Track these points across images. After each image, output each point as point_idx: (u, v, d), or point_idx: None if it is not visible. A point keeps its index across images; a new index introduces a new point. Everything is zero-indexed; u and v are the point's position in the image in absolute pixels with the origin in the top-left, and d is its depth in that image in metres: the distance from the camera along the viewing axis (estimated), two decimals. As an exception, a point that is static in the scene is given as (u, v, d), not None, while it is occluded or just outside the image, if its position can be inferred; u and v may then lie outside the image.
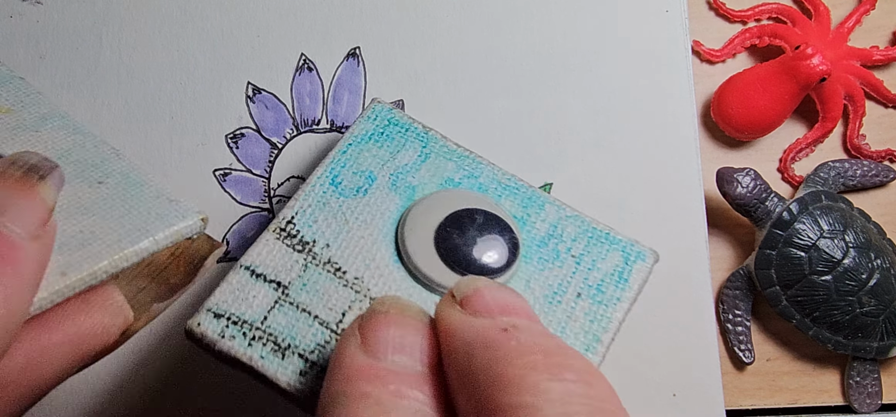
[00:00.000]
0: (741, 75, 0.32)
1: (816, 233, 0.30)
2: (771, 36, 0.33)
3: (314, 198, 0.26)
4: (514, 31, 0.30)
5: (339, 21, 0.30)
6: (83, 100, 0.30)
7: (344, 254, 0.25)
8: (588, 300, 0.25)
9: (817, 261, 0.30)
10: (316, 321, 0.25)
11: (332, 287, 0.25)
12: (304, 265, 0.25)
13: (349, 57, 0.30)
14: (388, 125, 0.27)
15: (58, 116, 0.26)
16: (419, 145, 0.27)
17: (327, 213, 0.26)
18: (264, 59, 0.30)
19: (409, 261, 0.25)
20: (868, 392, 0.32)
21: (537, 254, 0.26)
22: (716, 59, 0.33)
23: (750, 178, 0.30)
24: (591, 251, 0.26)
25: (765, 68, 0.32)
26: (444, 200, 0.26)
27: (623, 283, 0.26)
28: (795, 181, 0.33)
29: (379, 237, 0.26)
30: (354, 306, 0.25)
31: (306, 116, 0.30)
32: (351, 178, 0.26)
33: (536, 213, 0.26)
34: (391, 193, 0.26)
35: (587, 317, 0.25)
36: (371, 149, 0.27)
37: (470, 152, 0.27)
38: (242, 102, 0.30)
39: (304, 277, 0.25)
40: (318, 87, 0.30)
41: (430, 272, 0.25)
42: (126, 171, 0.26)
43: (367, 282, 0.25)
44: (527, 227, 0.26)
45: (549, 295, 0.25)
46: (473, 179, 0.27)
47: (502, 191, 0.27)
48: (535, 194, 0.27)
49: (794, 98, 0.32)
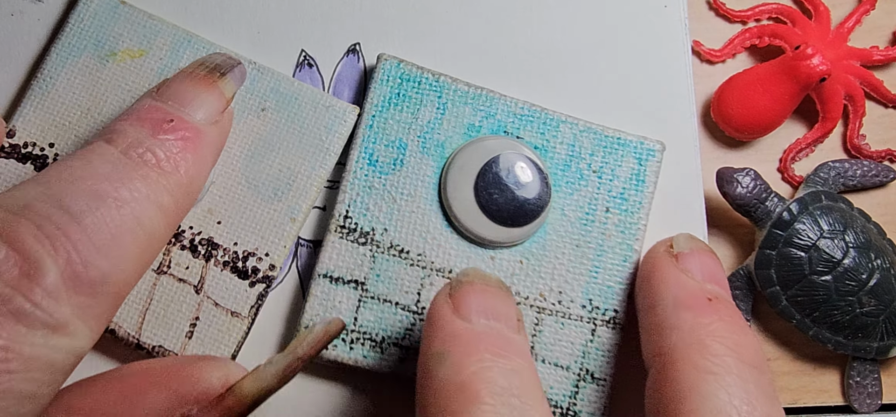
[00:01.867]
0: (741, 75, 0.32)
1: (816, 233, 0.30)
2: (771, 36, 0.33)
3: (359, 184, 0.27)
4: (513, 28, 0.30)
5: (338, 17, 0.30)
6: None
7: (402, 234, 0.27)
8: (616, 212, 0.27)
9: (817, 261, 0.30)
10: (397, 307, 0.26)
11: (402, 269, 0.26)
12: (372, 256, 0.26)
13: (349, 53, 0.30)
14: (401, 83, 0.28)
15: (185, 40, 0.28)
16: (435, 96, 0.28)
17: (375, 197, 0.27)
18: (264, 56, 0.30)
19: (460, 225, 0.27)
20: (868, 392, 0.31)
21: (564, 179, 0.28)
22: (716, 59, 0.33)
23: (750, 178, 0.30)
24: (608, 161, 0.27)
25: (765, 68, 0.32)
26: (473, 155, 0.27)
27: (641, 185, 0.27)
28: (795, 181, 0.33)
29: (426, 206, 0.27)
30: (426, 283, 0.26)
31: None
32: (385, 152, 0.27)
33: (554, 137, 0.27)
34: (424, 157, 0.27)
35: (618, 229, 0.27)
36: (393, 115, 0.27)
37: (481, 88, 0.28)
38: (243, 99, 0.30)
39: (376, 268, 0.26)
40: (319, 83, 0.30)
41: (480, 231, 0.27)
42: (276, 87, 0.28)
43: (430, 256, 0.27)
44: (549, 155, 0.27)
45: (582, 217, 0.27)
46: (492, 118, 0.28)
47: (520, 123, 0.28)
48: (548, 117, 0.28)
49: (794, 98, 0.31)
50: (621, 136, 0.28)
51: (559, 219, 0.27)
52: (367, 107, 0.28)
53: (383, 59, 0.28)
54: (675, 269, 0.25)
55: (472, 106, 0.28)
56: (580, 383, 0.26)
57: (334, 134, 0.27)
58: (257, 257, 0.27)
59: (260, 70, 0.28)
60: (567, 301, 0.27)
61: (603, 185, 0.27)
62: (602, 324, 0.27)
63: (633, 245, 0.27)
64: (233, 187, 0.27)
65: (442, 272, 0.27)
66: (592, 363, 0.27)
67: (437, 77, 0.28)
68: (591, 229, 0.27)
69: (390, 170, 0.27)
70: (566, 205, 0.27)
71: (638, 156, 0.28)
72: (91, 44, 0.28)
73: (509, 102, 0.28)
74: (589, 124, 0.28)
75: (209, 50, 0.28)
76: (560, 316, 0.27)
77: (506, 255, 0.27)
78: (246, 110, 0.27)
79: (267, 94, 0.27)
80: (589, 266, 0.27)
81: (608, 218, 0.27)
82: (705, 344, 0.22)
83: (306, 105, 0.27)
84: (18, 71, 0.29)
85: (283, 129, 0.27)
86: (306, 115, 0.27)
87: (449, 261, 0.27)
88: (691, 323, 0.23)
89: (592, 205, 0.27)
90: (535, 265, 0.27)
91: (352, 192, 0.27)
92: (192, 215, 0.27)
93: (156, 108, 0.23)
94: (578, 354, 0.27)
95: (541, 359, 0.27)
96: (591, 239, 0.27)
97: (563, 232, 0.27)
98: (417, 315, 0.26)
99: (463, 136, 0.28)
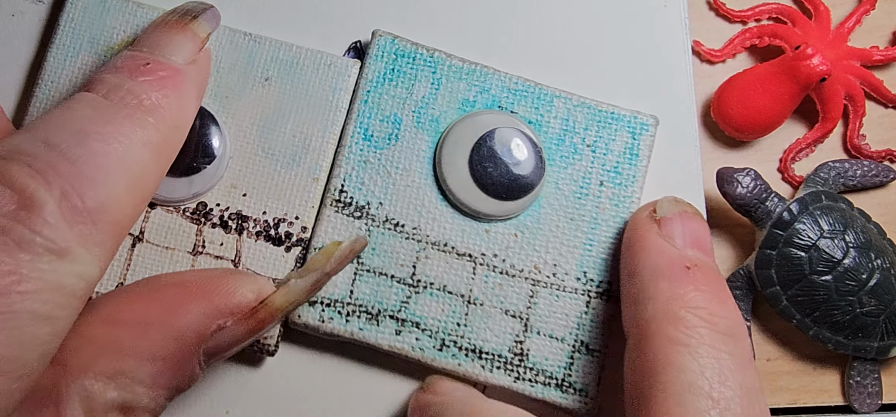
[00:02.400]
0: (741, 75, 0.32)
1: (817, 233, 0.30)
2: (771, 36, 0.33)
3: (354, 158, 0.27)
4: (513, 28, 0.30)
5: (339, 16, 0.30)
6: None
7: (397, 208, 0.27)
8: (610, 185, 0.28)
9: (817, 261, 0.30)
10: (393, 280, 0.27)
11: (397, 243, 0.27)
12: (368, 230, 0.27)
13: (350, 51, 0.30)
14: (396, 59, 0.28)
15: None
16: (430, 72, 0.28)
17: (371, 171, 0.27)
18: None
19: (455, 199, 0.27)
20: (868, 392, 0.31)
21: (558, 153, 0.28)
22: (716, 59, 0.33)
23: (750, 178, 0.30)
24: (602, 135, 0.28)
25: (765, 68, 0.32)
26: (467, 129, 0.27)
27: (635, 159, 0.28)
28: (795, 181, 0.33)
29: (420, 180, 0.27)
30: (421, 256, 0.27)
31: None
32: (380, 127, 0.28)
33: (548, 111, 0.28)
34: (419, 132, 0.27)
35: (612, 203, 0.27)
36: (388, 90, 0.28)
37: (475, 64, 0.28)
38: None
39: (371, 242, 0.27)
40: None
41: (475, 205, 0.27)
42: (275, 55, 0.28)
43: (425, 229, 0.27)
44: (543, 129, 0.28)
45: (577, 191, 0.28)
46: (486, 93, 0.28)
47: (513, 97, 0.28)
48: (542, 92, 0.28)
49: (794, 98, 0.31)
50: (615, 111, 0.28)
51: (553, 193, 0.27)
52: (362, 82, 0.28)
53: (378, 35, 0.28)
54: (656, 235, 0.25)
55: (467, 81, 0.28)
56: (574, 354, 0.27)
57: (340, 91, 0.28)
58: (288, 222, 0.27)
59: (256, 40, 0.28)
60: (562, 273, 0.27)
61: (597, 159, 0.28)
62: (596, 297, 0.27)
63: (626, 218, 0.27)
64: (252, 159, 0.27)
65: (437, 245, 0.27)
66: (587, 334, 0.27)
67: (431, 53, 0.28)
68: (585, 202, 0.27)
69: (385, 145, 0.27)
70: (560, 179, 0.28)
71: (631, 129, 0.28)
72: (86, 42, 0.28)
73: (503, 77, 0.28)
74: (582, 99, 0.28)
75: None
76: (555, 289, 0.27)
77: (500, 228, 0.27)
78: (251, 83, 0.28)
79: (268, 64, 0.28)
80: (583, 239, 0.27)
81: (602, 191, 0.27)
82: (679, 315, 0.22)
83: (309, 67, 0.28)
84: (21, 74, 0.29)
85: (290, 95, 0.28)
86: (310, 78, 0.28)
87: (444, 235, 0.27)
88: (667, 293, 0.23)
89: (586, 179, 0.28)
90: (530, 238, 0.27)
91: (347, 167, 0.27)
92: (218, 191, 0.27)
93: (132, 56, 0.23)
94: (573, 326, 0.27)
95: (535, 331, 0.27)
96: (586, 212, 0.27)
97: (557, 206, 0.28)
98: (412, 288, 0.27)
99: (457, 111, 0.28)
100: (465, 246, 0.27)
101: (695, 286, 0.23)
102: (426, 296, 0.27)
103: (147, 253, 0.27)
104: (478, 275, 0.27)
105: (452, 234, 0.27)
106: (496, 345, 0.27)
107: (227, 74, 0.28)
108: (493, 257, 0.27)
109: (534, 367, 0.27)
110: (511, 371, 0.27)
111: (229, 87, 0.28)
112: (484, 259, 0.27)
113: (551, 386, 0.27)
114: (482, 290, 0.27)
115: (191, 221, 0.27)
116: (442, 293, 0.27)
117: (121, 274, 0.27)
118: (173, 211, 0.27)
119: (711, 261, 0.25)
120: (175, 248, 0.27)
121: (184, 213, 0.27)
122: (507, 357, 0.27)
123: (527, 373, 0.27)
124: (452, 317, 0.27)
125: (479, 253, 0.27)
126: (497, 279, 0.27)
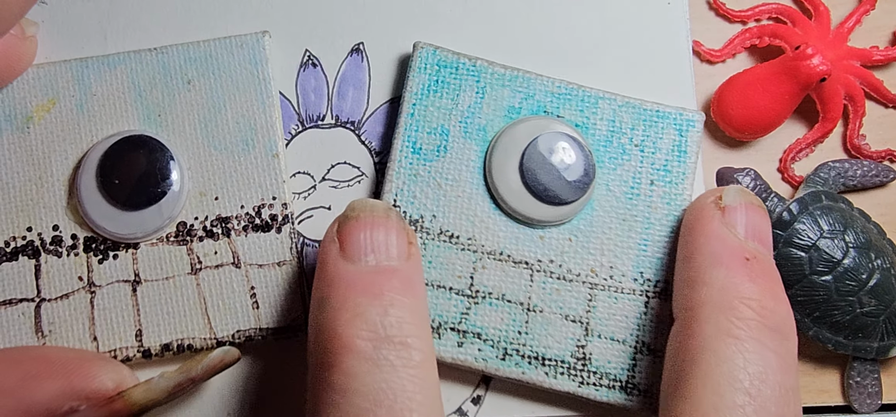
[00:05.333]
0: (741, 75, 0.32)
1: (816, 233, 0.30)
2: (771, 36, 0.32)
3: (404, 173, 0.27)
4: (515, 26, 0.30)
5: (342, 18, 0.30)
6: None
7: (450, 219, 0.27)
8: (660, 184, 0.28)
9: (817, 261, 0.29)
10: (452, 292, 0.27)
11: (453, 255, 0.27)
12: (423, 243, 0.27)
13: (353, 52, 0.30)
14: (439, 70, 0.28)
15: (80, 68, 0.28)
16: (473, 80, 0.28)
17: (421, 184, 0.27)
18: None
19: (508, 207, 0.27)
20: (868, 392, 0.31)
21: (606, 155, 0.28)
22: (716, 59, 0.33)
23: (750, 178, 0.30)
24: (649, 134, 0.28)
25: (765, 68, 0.31)
26: (515, 136, 0.27)
27: (683, 156, 0.28)
28: (795, 181, 0.32)
29: (472, 190, 0.27)
30: (478, 266, 0.27)
31: (311, 112, 0.30)
32: (428, 140, 0.28)
33: (594, 113, 0.28)
34: (467, 142, 0.27)
35: (663, 201, 0.28)
36: (434, 102, 0.28)
37: (517, 70, 0.28)
38: (247, 99, 0.30)
39: (427, 255, 0.27)
40: (323, 83, 0.30)
41: (527, 212, 0.27)
42: (186, 56, 0.28)
43: (479, 239, 0.27)
44: (590, 131, 0.28)
45: (628, 191, 0.28)
46: (531, 99, 0.28)
47: (559, 101, 0.28)
48: (586, 94, 0.28)
49: (794, 98, 0.31)
50: (660, 108, 0.28)
51: (605, 195, 0.28)
52: (407, 95, 0.28)
53: (419, 47, 0.28)
54: (718, 222, 0.24)
55: (511, 88, 0.28)
56: (637, 356, 0.27)
57: (259, 63, 0.28)
58: (268, 205, 0.27)
59: (163, 51, 0.28)
60: (618, 275, 0.27)
61: (646, 158, 0.28)
62: (654, 296, 0.27)
63: (679, 216, 0.27)
64: (208, 161, 0.28)
65: (493, 254, 0.27)
66: (647, 335, 0.27)
67: (473, 61, 0.28)
68: (636, 203, 0.28)
69: (434, 157, 0.28)
70: (611, 181, 0.28)
71: (678, 127, 0.28)
72: (3, 120, 0.28)
73: (547, 82, 0.28)
74: (627, 99, 0.28)
75: (100, 63, 0.28)
76: (613, 291, 0.27)
77: (555, 233, 0.28)
78: (175, 91, 0.28)
79: (184, 68, 0.28)
80: (637, 239, 0.28)
81: (653, 190, 0.28)
82: (732, 304, 0.22)
83: (223, 56, 0.28)
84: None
85: (216, 88, 0.28)
86: (228, 64, 0.28)
87: (499, 244, 0.27)
88: (723, 281, 0.23)
89: (636, 179, 0.28)
90: (584, 241, 0.28)
91: (398, 181, 0.27)
92: (190, 206, 0.28)
93: None
94: (634, 327, 0.27)
95: (597, 335, 0.27)
96: (638, 212, 0.28)
97: (609, 208, 0.28)
98: (471, 298, 0.27)
99: (504, 119, 0.28)
100: (520, 253, 0.27)
101: (751, 277, 0.23)
102: (486, 306, 0.27)
103: (151, 292, 0.27)
104: (535, 282, 0.27)
105: (507, 242, 0.27)
106: (559, 351, 0.27)
107: (150, 94, 0.28)
108: (549, 263, 0.27)
109: (597, 371, 0.27)
110: (575, 375, 0.27)
111: (158, 105, 0.28)
112: (540, 265, 0.27)
113: (616, 389, 0.27)
114: (541, 297, 0.27)
115: (178, 244, 0.27)
116: (501, 302, 0.27)
117: (134, 321, 0.27)
118: (158, 243, 0.27)
119: (770, 257, 0.24)
120: (174, 275, 0.27)
121: (168, 240, 0.27)
122: (570, 362, 0.27)
123: (591, 377, 0.27)
124: (513, 326, 0.27)
125: (535, 260, 0.27)
126: (555, 284, 0.27)
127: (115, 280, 0.27)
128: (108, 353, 0.27)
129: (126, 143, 0.27)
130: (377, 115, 0.30)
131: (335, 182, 0.29)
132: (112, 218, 0.27)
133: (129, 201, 0.27)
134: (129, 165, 0.27)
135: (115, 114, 0.28)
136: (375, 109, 0.30)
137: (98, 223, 0.27)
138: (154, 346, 0.27)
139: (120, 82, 0.28)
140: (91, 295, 0.27)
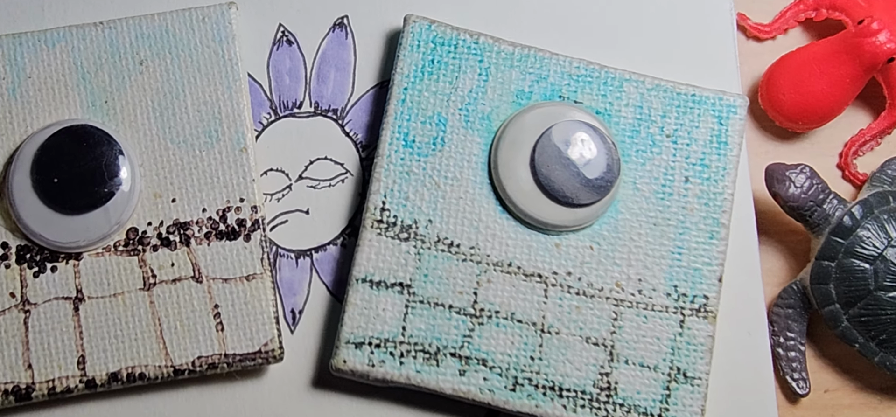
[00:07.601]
0: (794, 54, 0.31)
1: (883, 242, 0.28)
2: (829, 8, 0.32)
3: (395, 170, 0.26)
4: (541, 3, 0.29)
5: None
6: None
7: (450, 225, 0.26)
8: (697, 182, 0.26)
9: (884, 275, 0.28)
10: (452, 311, 0.25)
11: (453, 266, 0.26)
12: (418, 253, 0.26)
13: (335, 28, 0.29)
14: (435, 48, 0.27)
15: (13, 44, 0.27)
16: (476, 60, 0.27)
17: (415, 183, 0.26)
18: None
19: (517, 210, 0.26)
20: (944, 429, 0.30)
21: (633, 147, 0.27)
22: (764, 35, 0.32)
23: (805, 176, 0.29)
24: (683, 122, 0.27)
25: (822, 46, 0.31)
26: (525, 126, 0.26)
27: (724, 148, 0.26)
28: (858, 180, 0.32)
29: (475, 190, 0.26)
30: (482, 280, 0.25)
31: (286, 98, 0.29)
32: (422, 130, 0.26)
33: (618, 99, 0.27)
34: (469, 133, 0.26)
35: (701, 202, 0.26)
36: (429, 86, 0.27)
37: (528, 48, 0.27)
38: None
39: (423, 267, 0.26)
40: (300, 64, 0.29)
41: (540, 214, 0.26)
42: (138, 32, 0.26)
43: (484, 248, 0.26)
44: (614, 120, 0.27)
45: (658, 190, 0.26)
46: (544, 81, 0.27)
47: (576, 84, 0.27)
48: (609, 75, 0.27)
49: (856, 81, 0.30)
50: (696, 92, 0.27)
51: (631, 195, 0.27)
52: (397, 78, 0.27)
53: (411, 21, 0.27)
54: None
55: (520, 68, 0.27)
56: (671, 384, 0.26)
57: (225, 40, 0.27)
58: (234, 208, 0.26)
59: (110, 25, 0.27)
60: (648, 289, 0.26)
61: (679, 151, 0.27)
62: (691, 314, 0.26)
63: (719, 218, 0.26)
64: (163, 156, 0.27)
65: (500, 266, 0.26)
66: (684, 360, 0.26)
67: (475, 38, 0.27)
68: (669, 204, 0.26)
69: (430, 151, 0.26)
70: (638, 178, 0.27)
71: (717, 113, 0.27)
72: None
73: (563, 61, 0.27)
74: (658, 81, 0.27)
75: (37, 40, 0.27)
76: (642, 308, 0.26)
77: (573, 241, 0.26)
78: (125, 73, 0.27)
79: (136, 45, 0.27)
80: (670, 247, 0.26)
81: (688, 189, 0.26)
82: None
83: (182, 31, 0.27)
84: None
85: (175, 69, 0.27)
86: (187, 41, 0.27)
87: (507, 253, 0.26)
88: None
89: (669, 176, 0.27)
90: (608, 250, 0.26)
91: (387, 180, 0.26)
92: (142, 209, 0.26)
93: None
94: (667, 351, 0.26)
95: (623, 360, 0.26)
96: (671, 215, 0.26)
97: (637, 210, 0.27)
98: (475, 318, 0.26)
99: (512, 105, 0.27)
100: (532, 264, 0.26)
101: None
102: (492, 327, 0.26)
103: (96, 311, 0.26)
104: (550, 298, 0.26)
105: (517, 252, 0.26)
106: (578, 380, 0.25)
107: (95, 76, 0.27)
108: (566, 276, 0.26)
109: (624, 403, 0.25)
110: (598, 408, 0.25)
111: (104, 89, 0.27)
112: (556, 278, 0.26)
113: None
114: (557, 316, 0.26)
115: (128, 254, 0.26)
116: (510, 322, 0.26)
117: (76, 345, 0.25)
118: (104, 252, 0.26)
119: None
120: (123, 292, 0.26)
121: (116, 250, 0.26)
122: (593, 393, 0.25)
123: (617, 411, 0.25)
124: (525, 350, 0.26)
125: (549, 272, 0.26)
126: (573, 301, 0.26)
127: (53, 296, 0.26)
128: (44, 384, 0.25)
129: (66, 135, 0.26)
130: (363, 102, 0.29)
131: (314, 180, 0.29)
132: (50, 223, 0.26)
133: (70, 203, 0.26)
134: (70, 161, 0.26)
135: (54, 101, 0.27)
136: (361, 95, 0.29)
137: (33, 229, 0.26)
138: (99, 375, 0.26)
139: (60, 62, 0.27)
140: (25, 314, 0.26)
